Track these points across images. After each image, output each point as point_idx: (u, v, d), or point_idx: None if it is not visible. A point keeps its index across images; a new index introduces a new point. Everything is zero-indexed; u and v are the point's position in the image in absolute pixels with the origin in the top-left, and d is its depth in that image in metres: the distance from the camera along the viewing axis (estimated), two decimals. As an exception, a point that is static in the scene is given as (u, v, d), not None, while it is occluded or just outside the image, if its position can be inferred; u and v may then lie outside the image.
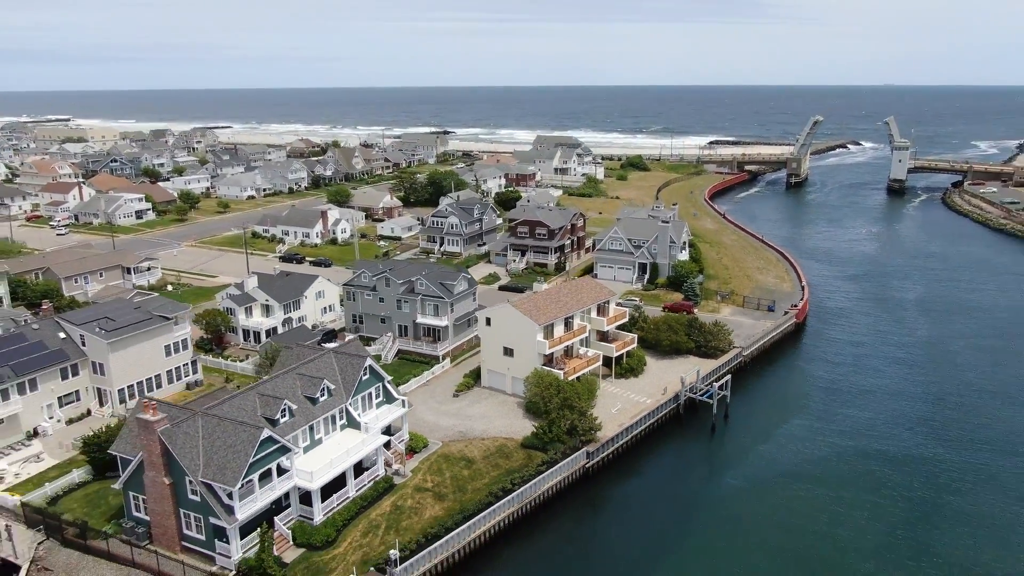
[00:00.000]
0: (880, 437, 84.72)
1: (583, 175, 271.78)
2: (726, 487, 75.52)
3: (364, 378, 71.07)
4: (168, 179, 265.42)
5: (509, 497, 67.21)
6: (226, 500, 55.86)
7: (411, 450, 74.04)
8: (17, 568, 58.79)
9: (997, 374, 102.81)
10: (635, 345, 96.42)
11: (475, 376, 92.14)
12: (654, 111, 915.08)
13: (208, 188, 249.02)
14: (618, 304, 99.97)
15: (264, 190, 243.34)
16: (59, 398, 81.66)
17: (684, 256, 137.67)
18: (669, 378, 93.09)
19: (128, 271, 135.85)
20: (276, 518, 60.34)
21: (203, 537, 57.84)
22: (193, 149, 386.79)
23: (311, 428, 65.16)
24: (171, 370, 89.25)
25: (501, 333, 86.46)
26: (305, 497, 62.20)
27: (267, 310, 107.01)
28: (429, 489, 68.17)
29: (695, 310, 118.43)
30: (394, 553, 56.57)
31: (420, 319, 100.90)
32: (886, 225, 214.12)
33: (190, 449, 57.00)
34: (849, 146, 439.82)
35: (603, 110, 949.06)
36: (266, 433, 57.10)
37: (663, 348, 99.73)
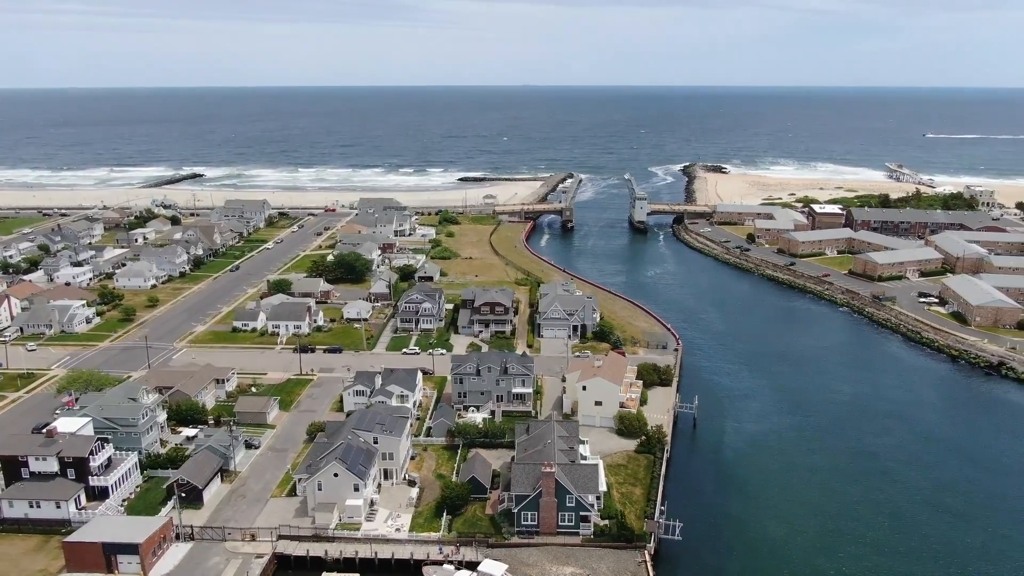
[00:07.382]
0: (751, 416, 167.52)
1: (423, 236, 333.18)
2: (709, 449, 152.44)
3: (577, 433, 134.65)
4: (26, 272, 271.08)
5: (658, 476, 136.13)
6: (589, 501, 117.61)
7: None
8: (476, 563, 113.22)
9: (771, 344, 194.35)
10: (642, 387, 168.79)
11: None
12: (326, 123, 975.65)
13: (91, 279, 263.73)
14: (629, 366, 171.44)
15: (159, 278, 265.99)
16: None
17: (597, 317, 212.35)
18: (661, 402, 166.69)
19: (220, 382, 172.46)
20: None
21: (572, 524, 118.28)
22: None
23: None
24: (407, 448, 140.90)
25: (593, 393, 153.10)
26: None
27: (403, 398, 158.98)
28: (623, 481, 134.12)
29: (625, 354, 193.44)
30: (658, 508, 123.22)
31: (515, 389, 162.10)
32: (657, 265, 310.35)
33: (565, 481, 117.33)
34: (569, 179, 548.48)
35: (308, 131, 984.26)
36: (601, 467, 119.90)
37: (645, 384, 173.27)
